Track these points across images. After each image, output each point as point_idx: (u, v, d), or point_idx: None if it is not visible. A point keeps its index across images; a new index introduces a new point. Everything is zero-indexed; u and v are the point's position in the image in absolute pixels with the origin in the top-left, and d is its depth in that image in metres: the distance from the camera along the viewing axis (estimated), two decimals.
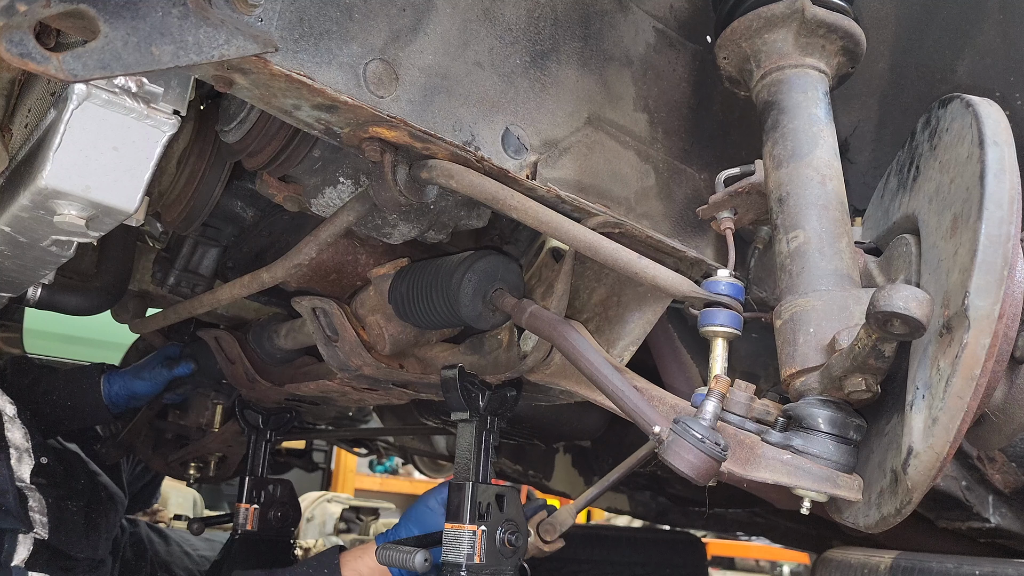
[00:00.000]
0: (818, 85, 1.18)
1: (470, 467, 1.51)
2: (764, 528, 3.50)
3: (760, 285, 1.38)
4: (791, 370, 1.07)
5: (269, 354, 2.01)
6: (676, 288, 1.13)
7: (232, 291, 1.62)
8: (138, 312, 2.17)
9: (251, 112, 1.30)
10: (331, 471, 7.40)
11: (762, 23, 1.17)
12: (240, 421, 2.38)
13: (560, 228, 1.12)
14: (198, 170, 1.51)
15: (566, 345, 1.21)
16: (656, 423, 1.03)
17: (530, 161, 1.15)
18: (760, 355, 1.66)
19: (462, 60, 1.10)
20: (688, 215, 1.33)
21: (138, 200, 1.17)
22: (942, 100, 1.10)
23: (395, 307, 1.52)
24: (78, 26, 0.80)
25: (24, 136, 1.26)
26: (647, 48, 1.30)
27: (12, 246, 1.33)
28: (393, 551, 1.58)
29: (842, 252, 1.09)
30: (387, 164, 1.13)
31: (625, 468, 1.58)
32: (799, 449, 1.02)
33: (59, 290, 1.89)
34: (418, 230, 1.41)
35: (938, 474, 0.92)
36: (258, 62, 0.92)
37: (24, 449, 1.87)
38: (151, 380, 2.33)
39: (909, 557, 1.16)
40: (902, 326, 0.85)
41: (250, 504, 2.29)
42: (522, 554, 1.51)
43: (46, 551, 1.84)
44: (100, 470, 2.41)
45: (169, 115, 1.15)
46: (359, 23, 1.01)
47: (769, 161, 1.18)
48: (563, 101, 1.19)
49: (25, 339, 2.98)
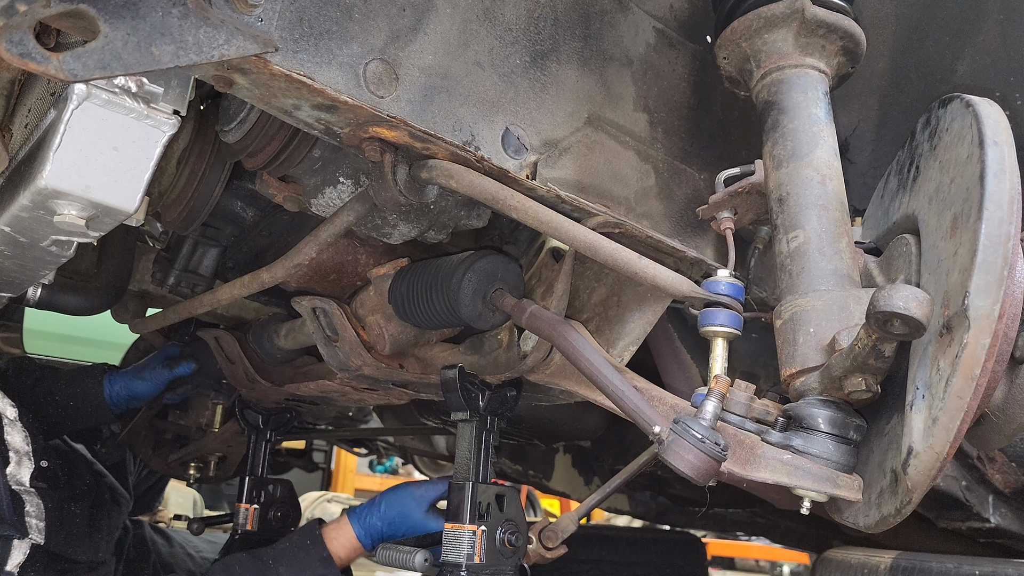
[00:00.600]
0: (818, 85, 1.18)
1: (470, 467, 1.51)
2: (764, 528, 3.50)
3: (760, 285, 1.38)
4: (791, 370, 1.07)
5: (269, 354, 2.02)
6: (676, 288, 1.13)
7: (232, 291, 1.62)
8: (138, 312, 2.17)
9: (251, 112, 1.30)
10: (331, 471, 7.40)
11: (762, 23, 1.17)
12: (240, 421, 2.38)
13: (560, 228, 1.12)
14: (198, 170, 1.51)
15: (566, 345, 1.21)
16: (656, 423, 1.03)
17: (530, 161, 1.15)
18: (760, 355, 1.66)
19: (462, 60, 1.10)
20: (688, 215, 1.33)
21: (138, 200, 1.17)
22: (942, 100, 1.10)
23: (395, 307, 1.52)
24: (78, 26, 0.80)
25: (24, 136, 1.26)
26: (647, 48, 1.30)
27: (12, 246, 1.33)
28: (393, 551, 1.58)
29: (842, 252, 1.09)
30: (387, 164, 1.13)
31: (626, 474, 1.58)
32: (799, 449, 1.02)
33: (59, 290, 1.89)
34: (418, 230, 1.41)
35: (938, 474, 0.92)
36: (258, 62, 0.92)
37: (24, 453, 1.87)
38: (152, 380, 2.33)
39: (909, 557, 1.16)
40: (902, 326, 0.85)
41: (250, 504, 2.30)
42: (522, 554, 1.51)
43: (43, 556, 1.84)
44: (105, 471, 2.41)
45: (169, 115, 1.15)
46: (359, 23, 1.01)
47: (769, 161, 1.18)
48: (563, 101, 1.19)
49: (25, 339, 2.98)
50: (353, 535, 1.79)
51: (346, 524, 1.79)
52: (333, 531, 1.79)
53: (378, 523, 1.80)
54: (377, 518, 1.79)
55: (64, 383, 2.28)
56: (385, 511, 1.78)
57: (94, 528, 2.09)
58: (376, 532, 1.80)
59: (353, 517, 1.80)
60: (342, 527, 1.80)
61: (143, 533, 2.68)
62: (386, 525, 1.79)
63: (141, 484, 2.92)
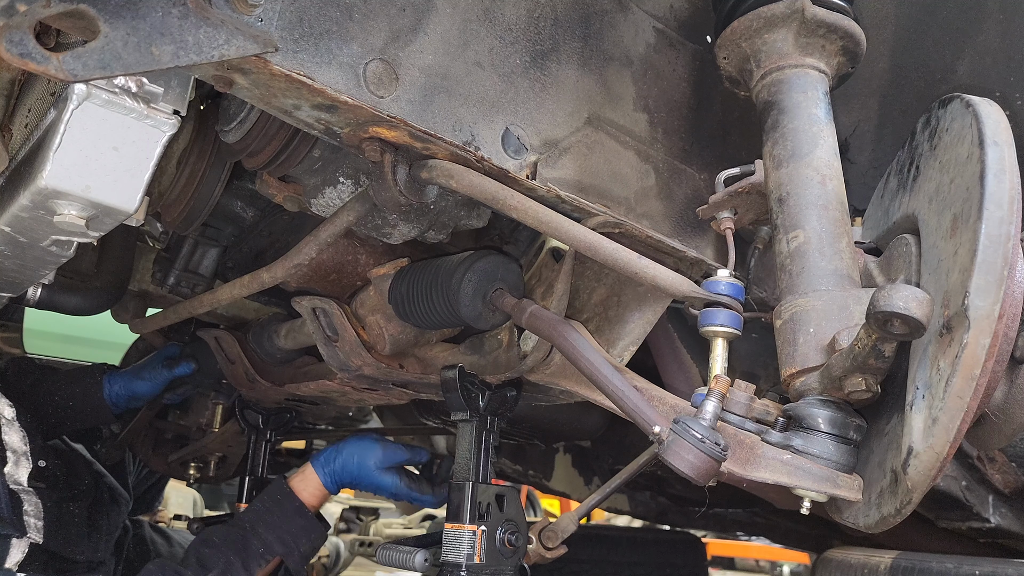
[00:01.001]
0: (818, 85, 1.18)
1: (470, 467, 1.51)
2: (764, 528, 3.50)
3: (760, 285, 1.38)
4: (791, 370, 1.07)
5: (269, 354, 2.01)
6: (676, 288, 1.13)
7: (232, 291, 1.62)
8: (138, 312, 2.17)
9: (251, 112, 1.30)
10: None
11: (762, 23, 1.17)
12: (240, 421, 2.37)
13: (560, 228, 1.12)
14: (198, 170, 1.51)
15: (566, 345, 1.21)
16: (656, 423, 1.03)
17: (530, 161, 1.15)
18: (760, 355, 1.66)
19: (462, 60, 1.10)
20: (688, 215, 1.33)
21: (138, 200, 1.17)
22: (942, 100, 1.10)
23: (395, 307, 1.52)
24: (78, 26, 0.80)
25: (24, 136, 1.26)
26: (647, 48, 1.30)
27: (12, 246, 1.33)
28: (393, 551, 1.58)
29: (842, 252, 1.09)
30: (387, 164, 1.13)
31: (626, 474, 1.58)
32: (799, 449, 1.02)
33: (59, 290, 1.89)
34: (418, 230, 1.41)
35: (938, 474, 0.92)
36: (258, 62, 0.92)
37: (22, 452, 1.87)
38: (151, 380, 2.33)
39: (909, 557, 1.16)
40: (902, 326, 0.85)
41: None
42: (522, 554, 1.51)
43: (42, 555, 1.84)
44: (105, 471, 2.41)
45: (169, 115, 1.15)
46: (359, 23, 1.01)
47: (769, 161, 1.18)
48: (563, 101, 1.19)
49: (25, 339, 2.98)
50: (319, 482, 1.86)
51: (311, 473, 1.86)
52: (300, 483, 1.85)
53: (340, 471, 1.87)
54: (340, 465, 1.87)
55: (64, 383, 2.28)
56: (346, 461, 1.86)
57: (93, 528, 2.09)
58: (339, 479, 1.88)
59: (317, 465, 1.87)
60: (308, 476, 1.86)
61: (143, 533, 2.68)
62: (347, 475, 1.87)
63: (141, 484, 2.92)
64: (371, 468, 1.85)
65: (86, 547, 2.02)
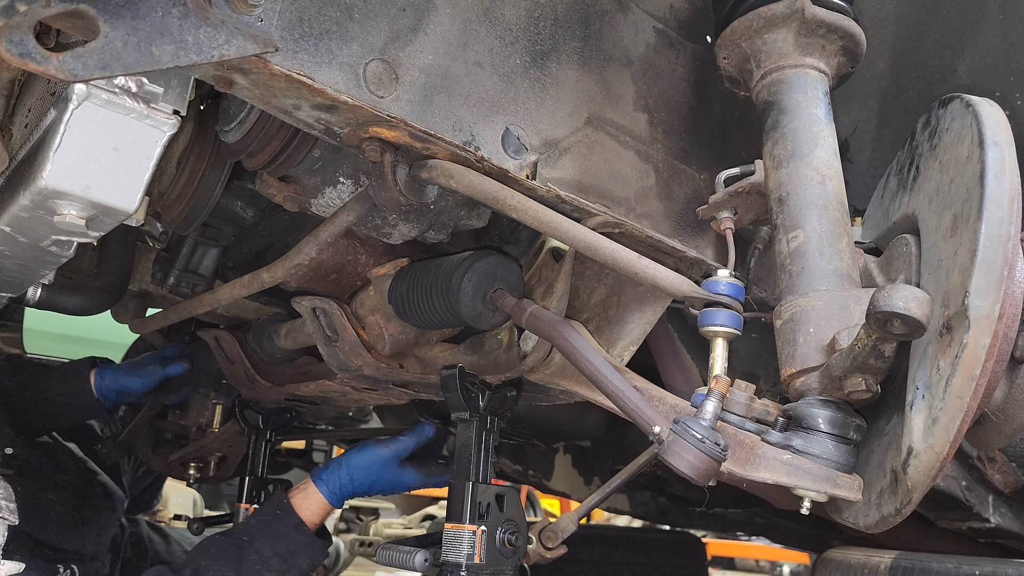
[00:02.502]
0: (818, 85, 1.18)
1: (470, 467, 1.51)
2: (764, 528, 3.50)
3: (760, 285, 1.38)
4: (791, 370, 1.07)
5: (269, 354, 2.02)
6: (676, 288, 1.13)
7: (232, 291, 1.62)
8: (138, 312, 2.17)
9: (251, 112, 1.30)
10: None
11: (762, 23, 1.17)
12: (240, 421, 2.37)
13: (560, 228, 1.12)
14: (198, 170, 1.51)
15: (566, 345, 1.21)
16: (656, 423, 1.03)
17: (530, 161, 1.15)
18: (760, 355, 1.66)
19: (462, 60, 1.10)
20: (688, 215, 1.33)
21: (138, 200, 1.17)
22: (942, 100, 1.10)
23: (395, 307, 1.52)
24: (78, 26, 0.80)
25: (24, 136, 1.25)
26: (647, 48, 1.30)
27: (12, 246, 1.33)
28: (393, 551, 1.58)
29: (842, 252, 1.09)
30: (387, 164, 1.13)
31: (626, 474, 1.58)
32: (799, 449, 1.02)
33: (59, 290, 1.88)
34: (418, 230, 1.41)
35: (938, 474, 0.92)
36: (258, 62, 0.92)
37: None
38: (144, 376, 2.33)
39: (909, 557, 1.16)
40: (902, 326, 0.85)
41: (250, 504, 2.29)
42: (522, 554, 1.51)
43: (27, 541, 1.85)
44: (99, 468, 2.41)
45: (169, 115, 1.15)
46: (359, 23, 1.01)
47: (769, 161, 1.18)
48: (563, 101, 1.19)
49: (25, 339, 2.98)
50: (322, 499, 1.84)
51: (313, 490, 1.84)
52: (302, 500, 1.84)
53: (348, 486, 1.85)
54: (347, 481, 1.84)
55: (54, 378, 2.30)
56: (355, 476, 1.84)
57: (80, 520, 2.11)
58: (347, 493, 1.86)
59: (319, 482, 1.85)
60: (309, 493, 1.84)
61: (140, 532, 2.69)
62: (357, 486, 1.85)
63: (138, 483, 2.93)
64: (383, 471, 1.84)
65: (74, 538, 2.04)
